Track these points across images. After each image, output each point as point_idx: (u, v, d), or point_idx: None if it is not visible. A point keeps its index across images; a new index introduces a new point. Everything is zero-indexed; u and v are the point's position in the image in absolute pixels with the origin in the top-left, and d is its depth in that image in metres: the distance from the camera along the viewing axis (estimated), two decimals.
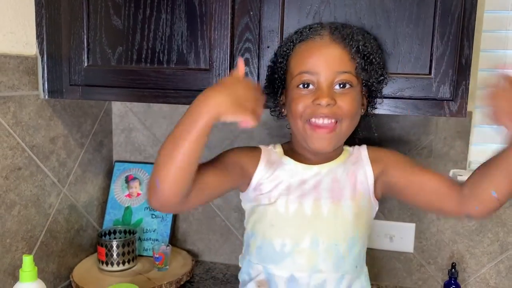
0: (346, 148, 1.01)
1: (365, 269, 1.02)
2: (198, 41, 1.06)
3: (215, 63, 1.05)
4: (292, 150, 1.00)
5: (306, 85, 0.89)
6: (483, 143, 1.33)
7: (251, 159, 0.97)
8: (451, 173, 1.32)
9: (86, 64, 1.13)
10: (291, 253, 0.94)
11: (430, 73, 0.96)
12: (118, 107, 1.54)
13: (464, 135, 1.31)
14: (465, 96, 0.96)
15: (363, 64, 0.90)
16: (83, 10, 1.11)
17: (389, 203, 1.37)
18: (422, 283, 1.39)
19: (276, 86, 0.97)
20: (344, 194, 0.94)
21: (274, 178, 0.96)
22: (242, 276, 1.04)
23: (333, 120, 0.88)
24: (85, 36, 1.12)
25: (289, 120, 0.95)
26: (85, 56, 1.13)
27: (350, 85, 0.88)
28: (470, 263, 1.35)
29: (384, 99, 0.98)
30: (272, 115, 1.03)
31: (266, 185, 0.96)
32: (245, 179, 0.97)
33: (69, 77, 1.15)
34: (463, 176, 1.27)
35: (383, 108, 0.99)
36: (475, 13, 0.93)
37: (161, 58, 1.08)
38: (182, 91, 1.08)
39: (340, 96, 0.88)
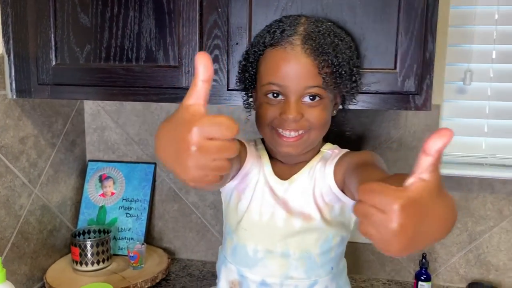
0: (323, 150, 0.98)
1: (342, 265, 1.01)
2: (166, 38, 1.05)
3: (184, 60, 1.05)
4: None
5: (275, 95, 0.87)
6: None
7: (241, 144, 0.97)
8: None
9: (54, 63, 1.12)
10: (263, 259, 0.94)
11: (395, 67, 0.97)
12: (90, 106, 1.53)
13: (433, 128, 1.34)
14: (429, 90, 0.98)
15: (331, 77, 0.87)
16: (50, 8, 1.10)
17: None
18: (395, 274, 1.42)
19: (247, 84, 0.96)
20: (312, 207, 0.93)
21: (254, 176, 0.96)
22: (218, 269, 1.05)
23: (300, 132, 0.88)
24: (52, 35, 1.11)
25: (256, 124, 0.94)
26: (53, 55, 1.12)
27: (319, 97, 0.87)
28: (440, 253, 1.38)
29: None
30: (244, 108, 1.01)
31: (250, 176, 0.96)
32: (239, 165, 0.95)
33: (37, 76, 1.13)
34: None
35: (350, 104, 1.00)
36: (438, 9, 0.95)
37: (130, 56, 1.08)
38: (152, 89, 1.08)
39: (309, 109, 0.86)
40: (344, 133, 1.01)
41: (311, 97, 0.86)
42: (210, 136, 0.50)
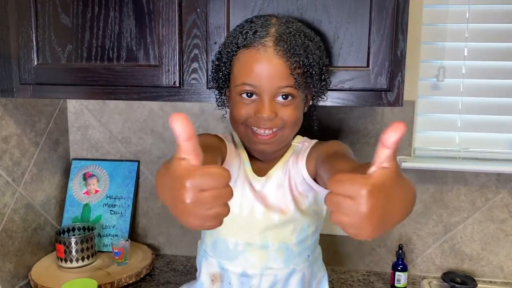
0: (293, 144, 1.03)
1: (317, 252, 1.07)
2: (147, 38, 1.08)
3: (164, 59, 1.07)
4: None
5: (249, 94, 0.90)
6: (427, 130, 1.41)
7: (221, 142, 1.01)
8: (397, 160, 1.39)
9: (36, 63, 1.13)
10: (243, 251, 0.99)
11: (368, 65, 1.01)
12: (73, 105, 1.54)
13: (408, 123, 1.38)
14: (401, 86, 1.02)
15: (303, 77, 0.90)
16: (31, 8, 1.11)
17: None
18: (373, 265, 1.46)
19: (221, 83, 0.98)
20: (288, 199, 0.98)
21: (234, 172, 0.99)
22: (198, 263, 1.08)
23: (274, 130, 0.92)
24: (33, 35, 1.12)
25: (231, 122, 0.97)
26: (35, 55, 1.13)
27: (292, 96, 0.90)
28: (417, 244, 1.43)
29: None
30: (218, 106, 1.04)
31: (231, 172, 0.97)
32: (221, 163, 0.97)
33: (19, 76, 1.15)
34: (408, 162, 1.35)
35: (325, 101, 1.04)
36: (408, 8, 0.99)
37: (111, 55, 1.10)
38: (133, 87, 1.10)
39: (282, 108, 0.90)
40: (313, 128, 1.04)
41: (284, 96, 0.90)
42: (203, 188, 0.52)
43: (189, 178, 0.52)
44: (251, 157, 1.03)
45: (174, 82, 1.07)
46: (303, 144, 1.03)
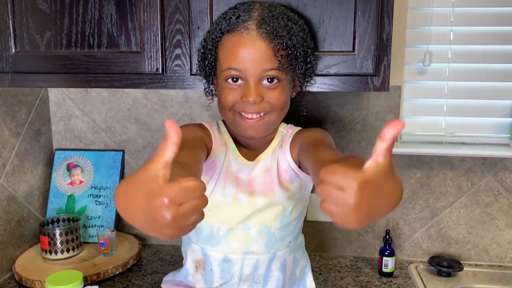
0: (280, 130, 1.05)
1: (300, 240, 1.08)
2: (128, 24, 1.05)
3: (146, 45, 1.05)
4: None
5: (234, 79, 0.91)
6: (413, 116, 1.41)
7: (205, 133, 1.00)
8: None
9: (13, 51, 1.10)
10: (225, 236, 0.99)
11: (353, 50, 1.00)
12: (55, 94, 1.51)
13: (395, 109, 1.38)
14: (387, 71, 1.01)
15: (287, 59, 0.91)
16: None
17: None
18: (361, 251, 1.47)
19: (207, 71, 0.98)
20: (274, 184, 0.99)
21: (220, 161, 0.99)
22: (183, 252, 1.09)
23: (262, 114, 0.92)
24: (10, 22, 1.09)
25: (219, 109, 0.97)
26: (12, 42, 1.10)
27: (277, 79, 0.91)
28: (404, 229, 1.44)
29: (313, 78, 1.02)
30: (206, 96, 1.05)
31: (217, 162, 0.99)
32: (205, 153, 0.95)
33: None
34: (395, 148, 1.34)
35: (311, 86, 1.02)
36: None
37: (91, 42, 1.07)
38: (115, 75, 1.07)
39: (268, 92, 0.91)
40: (300, 114, 1.05)
41: (269, 80, 0.90)
42: (181, 202, 0.52)
43: (166, 194, 0.51)
44: (239, 144, 1.03)
45: (157, 69, 1.05)
46: (287, 131, 1.04)
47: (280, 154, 1.01)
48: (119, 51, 1.06)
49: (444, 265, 1.33)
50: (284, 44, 0.89)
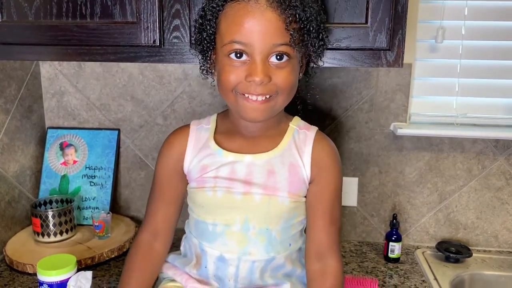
0: (291, 127, 0.94)
1: (300, 242, 0.98)
2: None
3: (142, 15, 0.97)
4: (228, 120, 0.96)
5: (238, 55, 0.81)
6: (423, 95, 1.34)
7: (177, 155, 0.95)
8: (391, 127, 1.33)
9: None
10: (222, 234, 0.92)
11: (366, 22, 0.93)
12: (46, 70, 1.43)
13: (404, 88, 1.31)
14: (401, 45, 0.94)
15: (299, 34, 0.82)
16: None
17: None
18: (366, 235, 1.42)
19: (205, 45, 0.88)
20: (280, 188, 0.89)
21: (201, 168, 0.92)
22: (185, 241, 1.02)
23: (267, 96, 0.83)
24: None
25: (219, 89, 0.88)
26: None
27: (287, 56, 0.81)
28: (411, 213, 1.38)
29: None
30: (201, 72, 0.94)
31: (193, 172, 0.94)
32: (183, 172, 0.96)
33: None
34: (404, 129, 1.29)
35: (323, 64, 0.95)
36: None
37: (83, 12, 0.99)
38: (109, 47, 1.00)
39: (276, 71, 0.81)
40: (306, 108, 0.97)
41: (279, 57, 0.81)
42: None
43: None
44: (235, 134, 0.94)
45: (154, 41, 0.98)
46: (299, 129, 0.94)
47: (293, 162, 0.90)
48: (114, 21, 0.99)
49: (452, 250, 1.29)
50: (297, 16, 0.79)
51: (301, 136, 0.93)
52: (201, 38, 0.87)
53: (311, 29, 0.83)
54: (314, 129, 0.96)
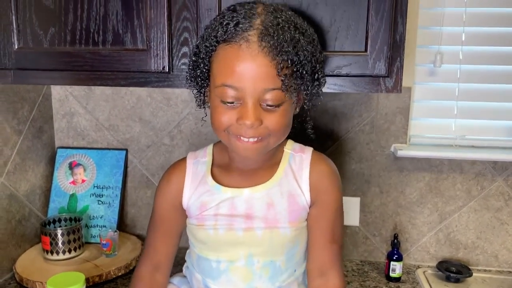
0: (286, 152, 0.95)
1: (304, 265, 0.98)
2: (134, 21, 1.02)
3: (152, 43, 1.02)
4: (224, 152, 0.96)
5: (229, 103, 0.81)
6: (423, 118, 1.38)
7: (176, 191, 0.96)
8: (392, 148, 1.36)
9: (16, 47, 1.07)
10: (226, 270, 0.92)
11: (366, 50, 0.97)
12: (57, 91, 1.48)
13: (404, 110, 1.35)
14: (399, 72, 0.98)
15: (292, 78, 0.81)
16: None
17: None
18: (368, 254, 1.44)
19: (199, 82, 0.88)
20: (280, 220, 0.90)
21: (201, 205, 0.93)
22: (187, 274, 1.04)
23: (259, 137, 0.83)
24: (13, 17, 1.06)
25: (212, 127, 0.88)
26: (15, 38, 1.07)
27: (279, 100, 0.81)
28: (412, 233, 1.41)
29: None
30: (198, 106, 0.94)
31: (192, 209, 0.94)
32: (182, 207, 0.97)
33: None
34: (403, 150, 1.32)
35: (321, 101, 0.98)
36: None
37: (96, 39, 1.04)
38: (120, 73, 1.05)
39: (268, 115, 0.81)
40: (308, 136, 0.95)
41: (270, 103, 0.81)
42: None
43: None
44: (231, 168, 0.95)
45: (163, 67, 1.02)
46: (294, 153, 0.95)
47: (291, 189, 0.91)
48: (125, 48, 1.04)
49: (453, 270, 1.31)
50: (289, 61, 0.78)
51: (297, 160, 0.94)
52: (195, 75, 0.88)
53: (304, 72, 0.82)
54: (309, 150, 0.96)
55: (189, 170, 0.96)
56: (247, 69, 0.78)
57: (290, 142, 0.98)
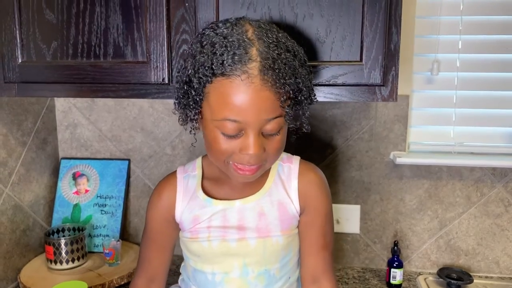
0: (275, 163, 0.94)
1: (298, 271, 1.00)
2: (134, 34, 1.05)
3: (152, 55, 1.04)
4: (214, 166, 0.93)
5: (231, 136, 0.79)
6: (421, 125, 1.39)
7: (167, 206, 0.96)
8: (391, 155, 1.37)
9: (20, 61, 1.10)
10: (221, 282, 0.93)
11: (361, 60, 0.99)
12: (61, 103, 1.51)
13: (403, 118, 1.36)
14: (395, 81, 1.00)
15: (293, 106, 0.81)
16: (14, 4, 1.07)
17: (333, 187, 1.41)
18: (368, 262, 1.45)
19: (190, 110, 0.83)
20: (272, 229, 0.91)
21: (193, 219, 0.93)
22: (182, 284, 1.05)
23: (259, 164, 0.84)
24: (17, 32, 1.09)
25: (208, 154, 0.87)
26: (19, 52, 1.10)
27: (280, 127, 0.81)
28: (412, 240, 1.41)
29: (319, 87, 1.00)
30: (181, 124, 0.89)
31: (186, 223, 0.95)
32: (175, 221, 0.97)
33: (3, 74, 1.11)
34: (402, 158, 1.33)
35: (318, 95, 1.00)
36: (401, 1, 0.97)
37: (97, 52, 1.07)
38: (121, 85, 1.07)
39: (269, 142, 0.81)
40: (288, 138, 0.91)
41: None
42: None
43: None
44: (221, 181, 0.94)
45: (163, 79, 1.05)
46: (283, 164, 0.95)
47: (281, 198, 0.92)
48: (125, 61, 1.06)
49: (454, 277, 1.31)
50: (291, 91, 0.78)
51: (286, 170, 0.95)
52: (185, 103, 0.84)
53: (303, 98, 0.82)
54: (297, 160, 0.96)
55: (180, 185, 0.96)
56: (250, 103, 0.76)
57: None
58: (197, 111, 0.83)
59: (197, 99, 0.81)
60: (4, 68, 1.11)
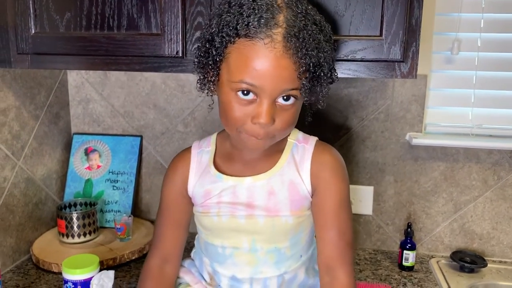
0: (290, 141, 0.94)
1: (311, 250, 0.99)
2: (148, 5, 1.03)
3: (166, 28, 1.02)
4: (227, 142, 0.95)
5: (245, 92, 0.78)
6: (439, 106, 1.36)
7: (182, 179, 0.97)
8: (407, 136, 1.35)
9: (33, 32, 1.09)
10: (231, 256, 0.93)
11: (381, 34, 0.96)
12: (73, 78, 1.50)
13: (420, 98, 1.33)
14: (415, 57, 0.97)
15: (311, 81, 0.80)
16: None
17: (347, 168, 1.39)
18: (381, 243, 1.43)
19: (209, 69, 0.84)
20: (281, 209, 0.90)
21: (205, 193, 0.94)
22: (195, 255, 1.05)
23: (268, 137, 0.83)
24: (31, 2, 1.07)
25: (222, 121, 0.86)
26: (32, 23, 1.08)
27: (294, 98, 0.80)
28: (426, 223, 1.40)
29: (336, 62, 0.98)
30: (200, 91, 0.89)
31: (197, 197, 0.95)
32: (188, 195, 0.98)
33: (16, 45, 1.10)
34: (418, 139, 1.31)
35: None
36: None
37: (111, 24, 1.05)
38: (134, 57, 1.05)
39: (280, 113, 0.80)
40: (304, 121, 0.92)
41: (286, 98, 0.80)
42: None
43: None
44: (233, 157, 0.94)
45: (177, 52, 1.03)
46: (298, 143, 0.94)
47: (293, 178, 0.90)
48: (139, 33, 1.04)
49: (467, 260, 1.29)
50: (311, 64, 0.77)
51: (300, 151, 0.93)
52: (204, 62, 0.84)
53: (322, 74, 0.81)
54: (313, 140, 0.95)
55: (193, 160, 0.97)
56: (270, 69, 0.75)
57: (294, 131, 0.96)
58: (215, 72, 0.82)
59: (217, 59, 0.80)
60: (17, 39, 1.10)
